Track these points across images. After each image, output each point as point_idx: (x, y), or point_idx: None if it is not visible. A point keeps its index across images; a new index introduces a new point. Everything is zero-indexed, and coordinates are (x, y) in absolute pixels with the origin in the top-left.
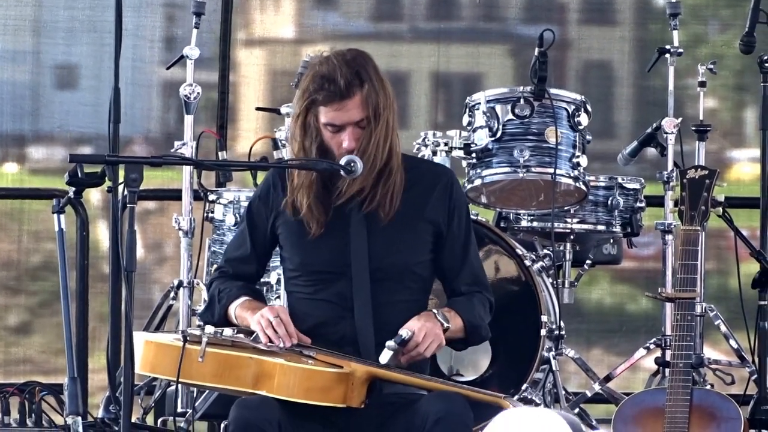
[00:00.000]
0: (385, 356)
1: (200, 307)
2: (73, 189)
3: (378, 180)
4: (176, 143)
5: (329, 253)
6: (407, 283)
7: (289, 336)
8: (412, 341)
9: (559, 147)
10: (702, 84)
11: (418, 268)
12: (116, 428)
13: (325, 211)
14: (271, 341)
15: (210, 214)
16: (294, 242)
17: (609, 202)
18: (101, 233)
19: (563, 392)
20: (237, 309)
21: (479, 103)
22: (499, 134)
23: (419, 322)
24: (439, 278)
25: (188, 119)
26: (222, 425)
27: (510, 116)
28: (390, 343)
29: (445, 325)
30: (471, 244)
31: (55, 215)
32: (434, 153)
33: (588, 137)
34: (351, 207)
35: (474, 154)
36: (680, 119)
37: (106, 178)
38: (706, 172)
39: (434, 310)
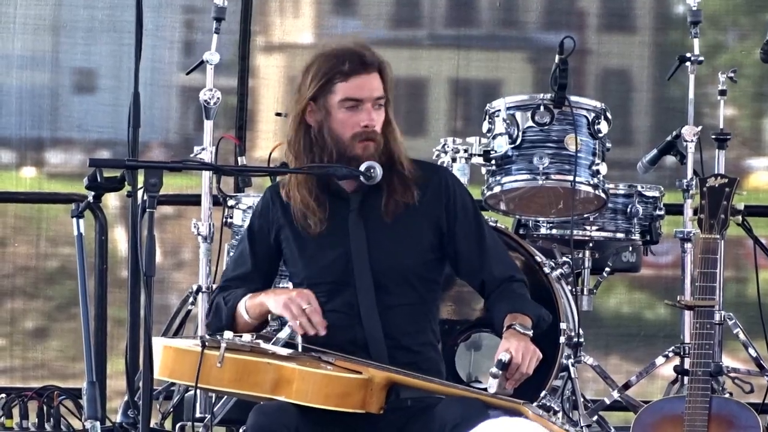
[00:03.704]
0: (492, 386)
1: None
2: (92, 193)
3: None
4: (195, 148)
5: (331, 264)
6: (412, 285)
7: (321, 324)
8: (513, 363)
9: (578, 154)
10: (722, 92)
11: (421, 270)
12: None
13: (322, 208)
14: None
15: (229, 220)
16: (296, 257)
17: (628, 209)
18: (120, 238)
19: (581, 399)
20: (247, 302)
21: (499, 110)
22: (518, 141)
23: (511, 343)
24: (464, 278)
25: (208, 124)
26: (240, 431)
27: (530, 123)
28: (493, 370)
29: (530, 333)
30: (485, 233)
31: (74, 219)
32: (454, 160)
33: (608, 145)
34: (348, 212)
35: (493, 161)
36: (700, 127)
37: (126, 183)
38: (726, 180)
39: (513, 324)
